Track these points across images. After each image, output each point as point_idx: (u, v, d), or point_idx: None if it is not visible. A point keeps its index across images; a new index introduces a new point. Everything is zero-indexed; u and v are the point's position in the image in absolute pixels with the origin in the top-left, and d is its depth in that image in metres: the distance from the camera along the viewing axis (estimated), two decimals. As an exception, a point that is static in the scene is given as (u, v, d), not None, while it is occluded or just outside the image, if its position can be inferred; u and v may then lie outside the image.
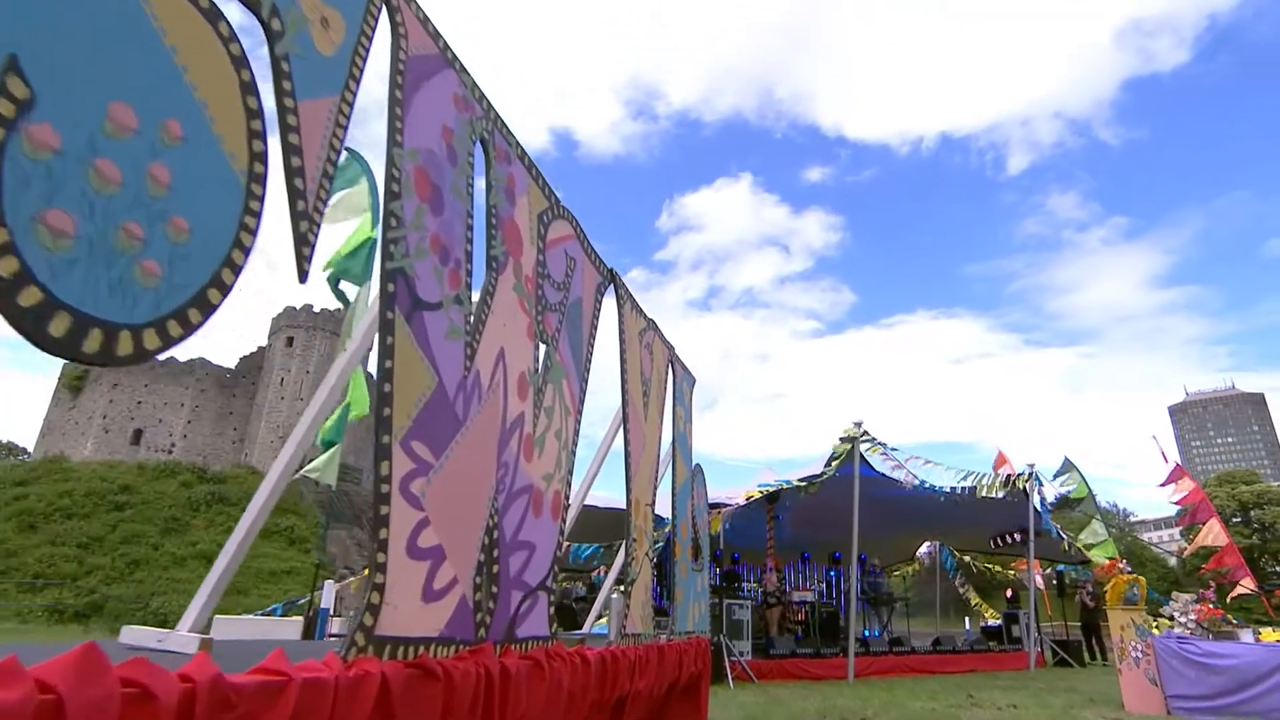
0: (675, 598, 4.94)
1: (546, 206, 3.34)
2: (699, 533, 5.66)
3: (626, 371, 4.17)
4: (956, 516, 14.97)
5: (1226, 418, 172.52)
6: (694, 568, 5.43)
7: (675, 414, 5.27)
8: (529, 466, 2.92)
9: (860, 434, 11.31)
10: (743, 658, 10.41)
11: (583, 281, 3.69)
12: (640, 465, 4.32)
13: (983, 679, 10.97)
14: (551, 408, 3.19)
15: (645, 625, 4.15)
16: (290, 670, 1.53)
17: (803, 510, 15.46)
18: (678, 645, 4.59)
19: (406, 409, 2.15)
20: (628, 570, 3.95)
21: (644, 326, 4.62)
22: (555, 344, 3.29)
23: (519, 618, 2.73)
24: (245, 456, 54.62)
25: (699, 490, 5.81)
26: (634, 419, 4.23)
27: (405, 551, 2.08)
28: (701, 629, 5.57)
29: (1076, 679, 11.17)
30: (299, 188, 1.79)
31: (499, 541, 2.62)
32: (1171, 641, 6.73)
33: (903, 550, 18.63)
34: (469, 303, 2.56)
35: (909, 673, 11.79)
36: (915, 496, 13.73)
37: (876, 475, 12.10)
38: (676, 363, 5.41)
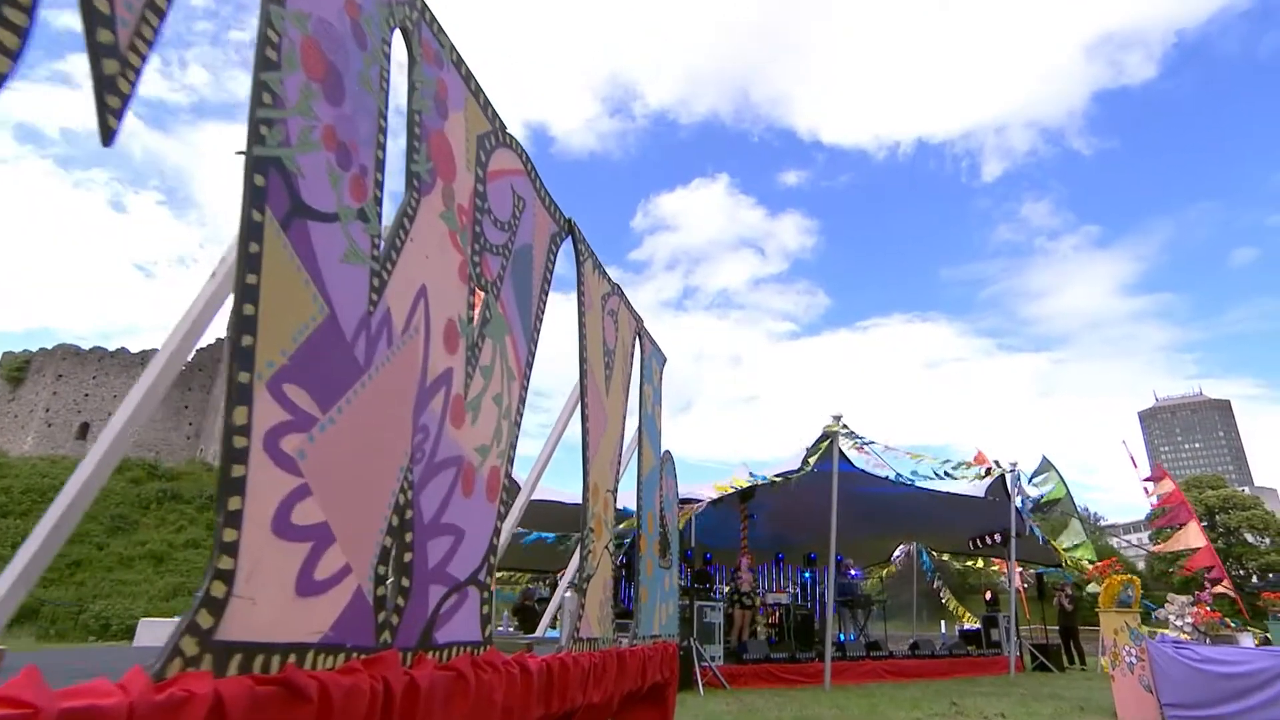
0: (640, 597, 4.47)
1: (489, 130, 2.85)
2: (668, 527, 5.20)
3: (586, 338, 3.69)
4: (936, 517, 14.71)
5: (1194, 423, 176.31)
6: (661, 565, 4.97)
7: (643, 393, 4.80)
8: (458, 434, 2.43)
9: (840, 428, 10.93)
10: (714, 663, 9.98)
11: (534, 226, 3.21)
12: (601, 447, 3.85)
13: (964, 685, 10.66)
14: (490, 368, 2.71)
15: (604, 628, 3.68)
16: (43, 701, 1.04)
17: (778, 510, 15.11)
18: (641, 651, 4.12)
19: (279, 341, 1.65)
20: (583, 565, 3.48)
21: (608, 290, 4.15)
22: (496, 293, 2.81)
23: (440, 618, 2.24)
24: (200, 452, 53.16)
25: (668, 480, 5.35)
26: (594, 393, 3.75)
27: (271, 528, 1.59)
28: (669, 633, 5.11)
29: (1058, 684, 10.90)
30: (103, 11, 1.29)
31: (414, 523, 2.13)
32: (1167, 646, 6.41)
33: (879, 552, 18.36)
34: (377, 223, 2.06)
35: (887, 678, 11.45)
36: (894, 495, 13.43)
37: (856, 472, 11.76)
38: (645, 337, 4.94)
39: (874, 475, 12.06)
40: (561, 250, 3.48)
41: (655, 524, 4.87)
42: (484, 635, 2.51)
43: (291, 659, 1.60)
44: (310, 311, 1.76)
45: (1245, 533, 58.58)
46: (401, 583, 2.07)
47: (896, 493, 13.11)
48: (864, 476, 12.15)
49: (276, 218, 1.67)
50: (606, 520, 3.84)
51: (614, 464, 4.06)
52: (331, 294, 1.84)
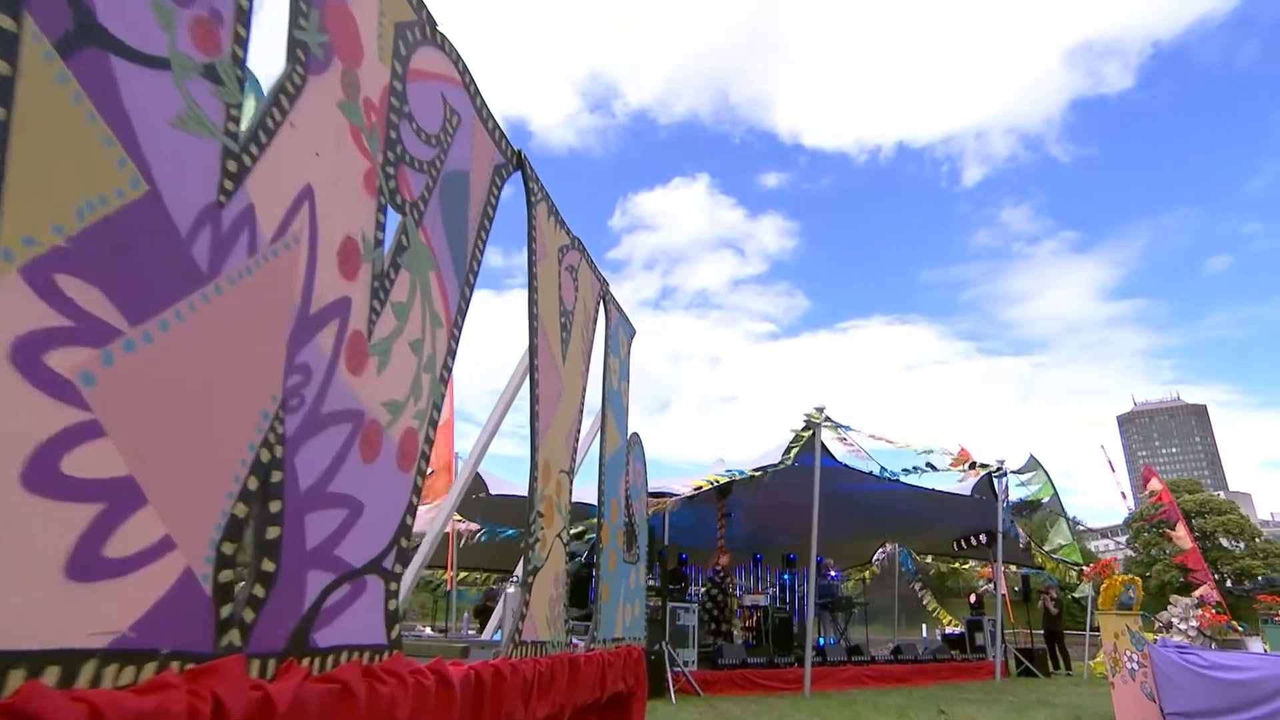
0: (601, 595, 4.00)
1: (413, 21, 2.36)
2: (634, 517, 4.74)
3: (537, 291, 3.22)
4: (919, 517, 14.39)
5: (1171, 428, 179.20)
6: (626, 559, 4.51)
7: (607, 365, 4.34)
8: (357, 383, 1.95)
9: (822, 419, 10.54)
10: (687, 668, 9.54)
11: (472, 151, 2.73)
12: (555, 421, 3.38)
13: (949, 691, 10.31)
14: (406, 306, 2.22)
15: (553, 630, 3.20)
16: None
17: (757, 508, 14.72)
18: (599, 656, 3.66)
19: (49, 210, 1.17)
20: (529, 556, 3.00)
21: (566, 243, 3.67)
22: (418, 218, 2.33)
23: (323, 615, 1.76)
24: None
25: (635, 464, 4.89)
26: (546, 356, 3.28)
27: (21, 482, 1.10)
28: (635, 635, 4.64)
29: (1046, 690, 10.60)
30: None
31: (284, 489, 1.65)
32: (1171, 651, 6.06)
33: (860, 553, 18.04)
34: (234, 86, 1.58)
35: (869, 684, 11.09)
36: (877, 493, 13.09)
37: (838, 467, 11.38)
38: (611, 302, 4.48)
39: (857, 470, 11.70)
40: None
41: (620, 513, 4.40)
42: (389, 637, 2.03)
43: (53, 673, 1.12)
44: (113, 181, 1.27)
45: (1221, 537, 59.35)
46: (262, 566, 1.58)
47: (879, 490, 12.78)
48: (846, 473, 11.78)
49: (51, 37, 1.18)
50: (560, 505, 3.37)
51: (571, 441, 3.59)
52: (153, 165, 1.35)
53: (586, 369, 3.88)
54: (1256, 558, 55.95)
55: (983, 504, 13.33)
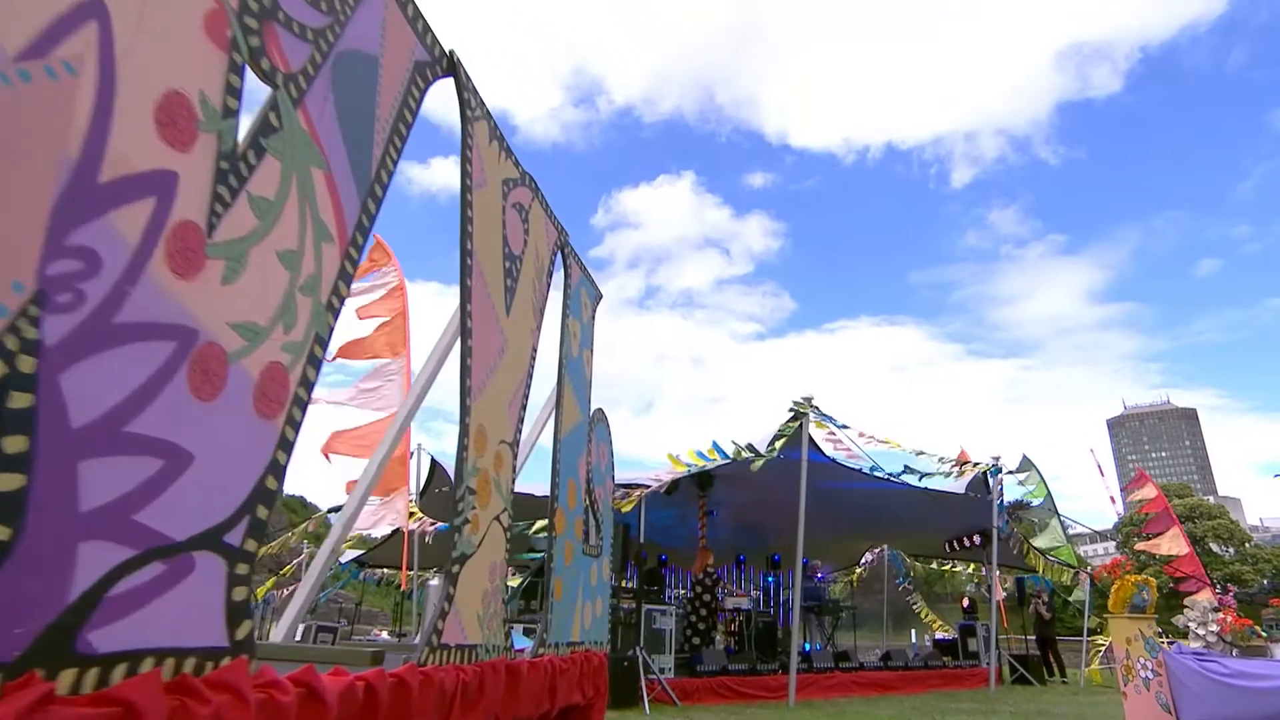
0: (553, 592, 3.52)
1: None
2: (597, 504, 4.26)
3: (472, 223, 2.73)
4: (910, 516, 13.99)
5: (1161, 432, 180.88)
6: (587, 551, 4.03)
7: (566, 328, 3.86)
8: (184, 290, 1.46)
9: (810, 409, 10.10)
10: (663, 675, 9.08)
11: (382, 33, 2.24)
12: (495, 381, 2.89)
13: (942, 700, 9.92)
14: (274, 206, 1.74)
15: (488, 632, 2.72)
16: None
17: (741, 506, 14.28)
18: (548, 664, 3.18)
19: None
20: (457, 540, 2.52)
21: (514, 176, 3.19)
22: (296, 96, 1.84)
23: (106, 606, 1.27)
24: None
25: (600, 444, 4.41)
26: (483, 304, 2.80)
27: None
28: (596, 639, 4.17)
29: (1044, 700, 10.22)
30: None
31: (35, 419, 1.16)
32: (1189, 658, 5.65)
33: (848, 555, 17.64)
34: None
35: (857, 692, 10.67)
36: (866, 491, 12.67)
37: (826, 462, 10.94)
38: (572, 257, 4.00)
39: (847, 467, 11.27)
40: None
41: (579, 498, 3.92)
42: (232, 638, 1.54)
43: None
44: None
45: (1210, 542, 59.70)
46: None
47: (869, 488, 12.35)
48: (834, 469, 11.35)
49: None
50: (500, 482, 2.89)
51: (516, 409, 3.10)
52: None
53: (538, 328, 3.39)
54: (1247, 563, 56.35)
55: (976, 503, 12.93)
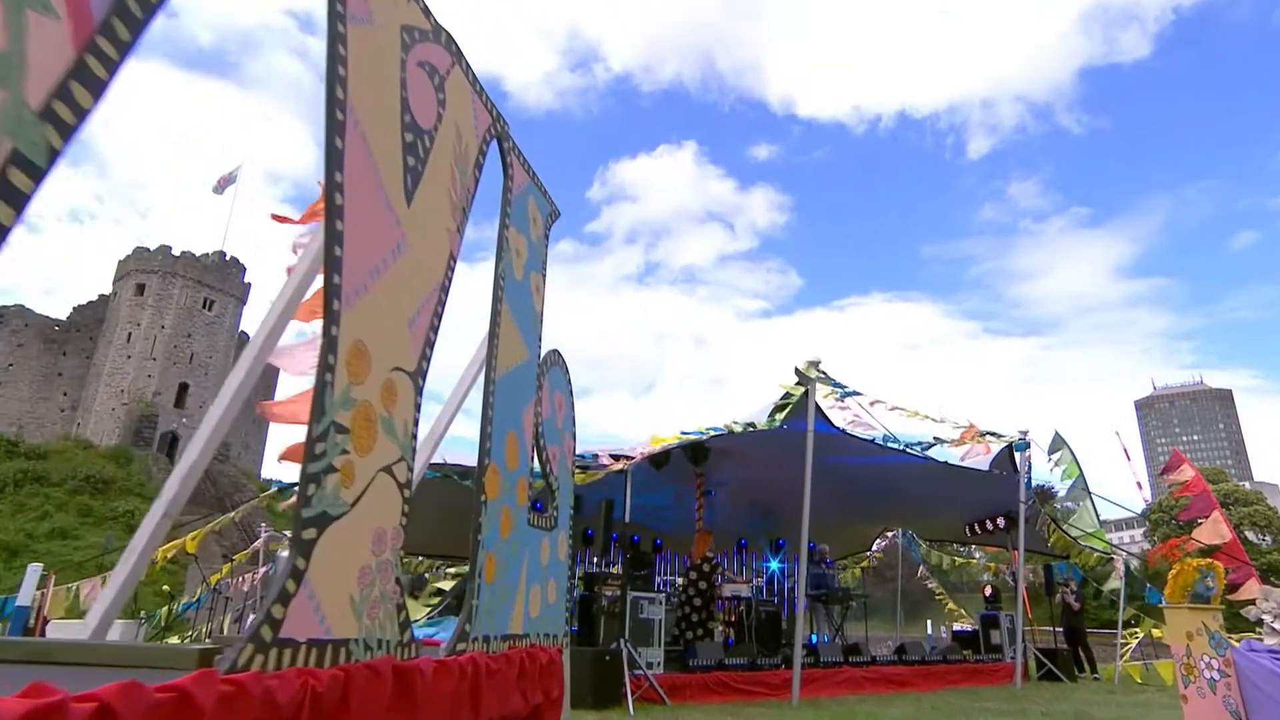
0: (484, 572, 2.92)
1: None
2: (551, 465, 3.66)
3: (345, 67, 2.10)
4: (928, 497, 13.45)
5: (1193, 414, 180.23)
6: (535, 523, 3.43)
7: (505, 241, 3.23)
8: None
9: (816, 375, 9.50)
10: (651, 670, 8.55)
11: None
12: (386, 287, 2.28)
13: (963, 698, 9.41)
14: None
15: (369, 622, 2.12)
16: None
17: (741, 485, 13.76)
18: (469, 664, 2.58)
19: None
20: (313, 495, 1.91)
21: (425, 27, 2.55)
22: None
23: None
24: (78, 427, 50.19)
25: (554, 393, 3.80)
26: (360, 173, 2.17)
27: None
28: (549, 631, 3.58)
29: (1078, 698, 9.71)
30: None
31: None
32: (1264, 657, 5.08)
33: (858, 539, 17.12)
34: None
35: (868, 688, 10.16)
36: (880, 468, 12.11)
37: (835, 434, 10.36)
38: (517, 158, 3.37)
39: (857, 439, 10.69)
40: None
41: (521, 455, 3.31)
42: None
43: None
44: None
45: (1246, 530, 59.37)
46: None
47: (882, 464, 11.80)
48: (843, 441, 10.77)
49: None
50: (393, 422, 2.28)
51: (420, 329, 2.49)
52: None
53: (459, 230, 2.77)
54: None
55: (1000, 482, 12.36)
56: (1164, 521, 57.58)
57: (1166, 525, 56.88)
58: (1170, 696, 9.84)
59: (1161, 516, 57.56)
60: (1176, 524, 50.00)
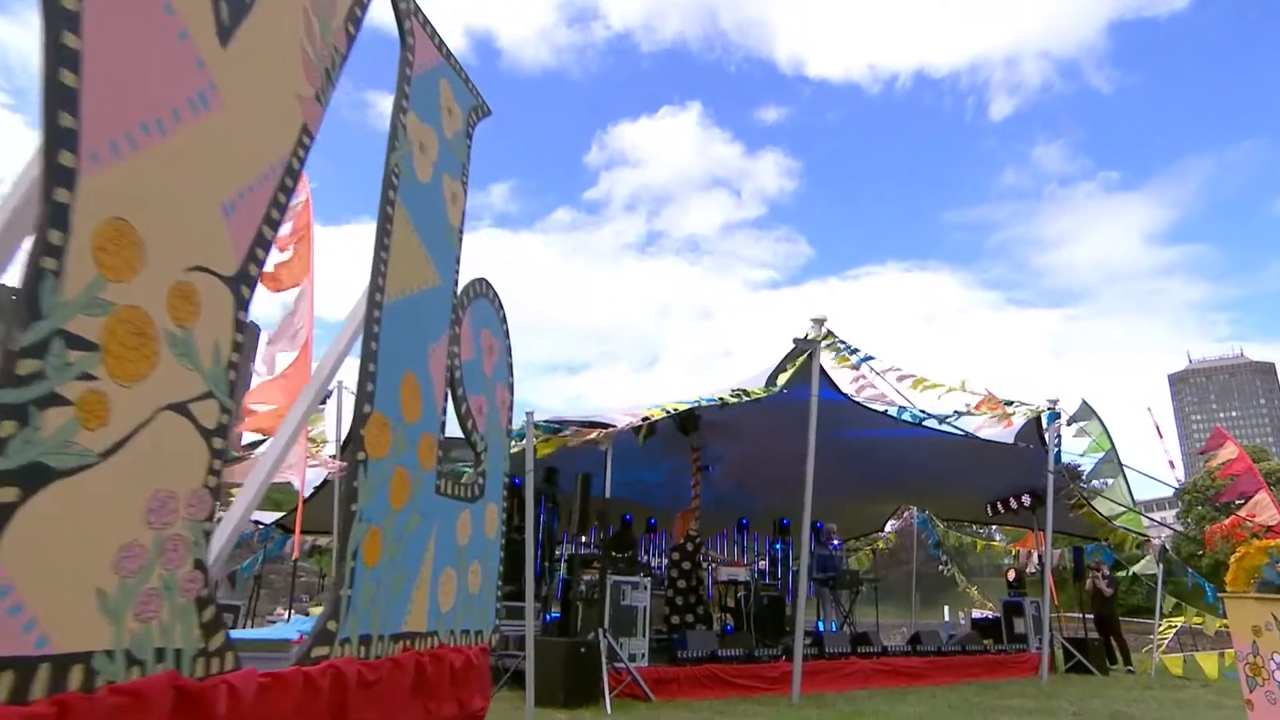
0: (363, 553, 2.36)
1: None
2: (474, 421, 3.10)
3: None
4: (946, 473, 12.91)
5: (1231, 389, 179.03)
6: (446, 491, 2.87)
7: (401, 131, 2.64)
8: None
9: (823, 336, 8.91)
10: (635, 663, 8.07)
11: None
12: (179, 149, 1.69)
13: (985, 694, 8.93)
14: None
15: (138, 625, 1.57)
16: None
17: (742, 460, 13.23)
18: (336, 675, 2.03)
19: None
20: (24, 436, 1.35)
21: None
22: None
23: None
24: None
25: (477, 331, 3.22)
26: None
27: None
28: (471, 626, 3.04)
29: (1112, 695, 9.22)
30: None
31: None
32: (1339, 651, 4.53)
33: (870, 519, 16.62)
34: None
35: (878, 682, 9.69)
36: (894, 441, 11.56)
37: (842, 402, 9.80)
38: (420, 28, 2.77)
39: (869, 410, 10.13)
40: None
41: (427, 404, 2.74)
42: None
43: None
44: None
45: (1289, 512, 58.59)
46: None
47: (896, 437, 11.24)
48: (852, 411, 10.21)
49: None
50: (178, 337, 1.70)
51: (240, 219, 1.90)
52: None
53: (320, 98, 2.17)
54: (1329, 534, 55.49)
55: (1026, 456, 11.78)
56: (1199, 502, 57.04)
57: (1201, 506, 56.37)
58: (1216, 694, 9.36)
59: (1196, 497, 57.01)
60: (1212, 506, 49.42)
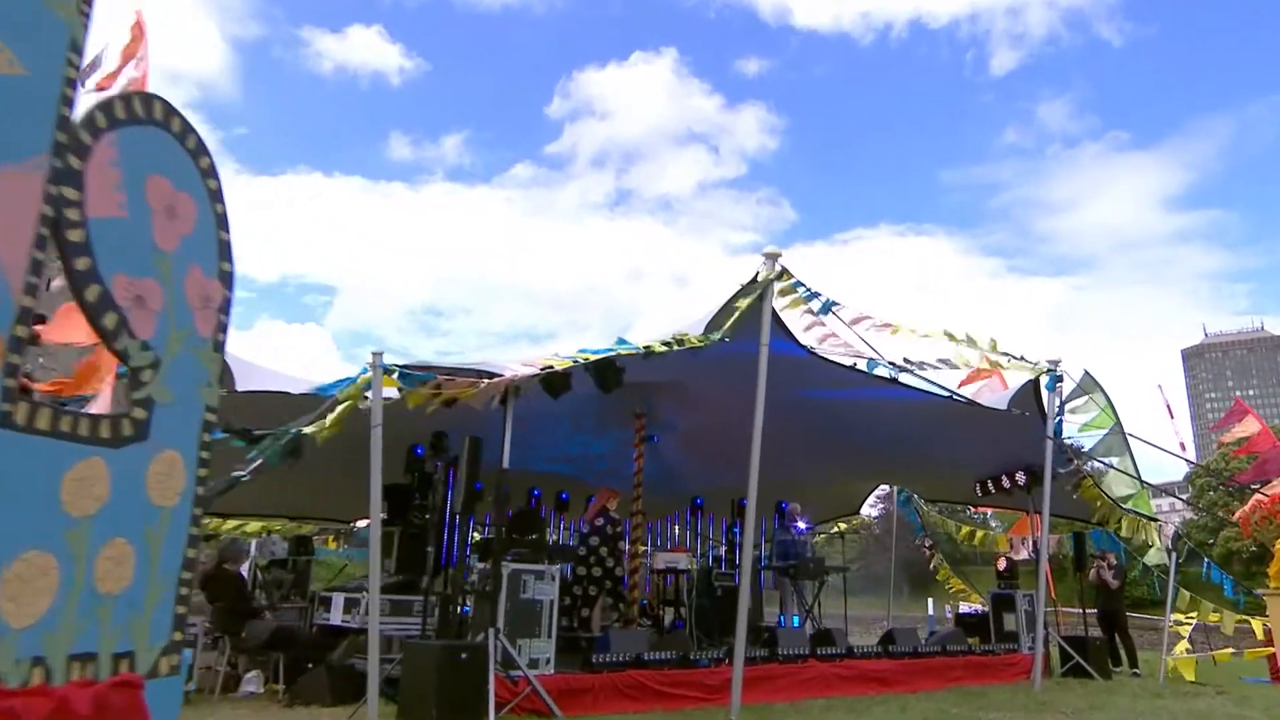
0: None
1: None
2: (125, 318, 2.15)
3: None
4: (930, 444, 12.11)
5: (1249, 364, 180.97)
6: (64, 432, 1.93)
7: None
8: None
9: (775, 275, 8.00)
10: (537, 671, 7.20)
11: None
12: None
13: (966, 703, 8.24)
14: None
15: None
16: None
17: (694, 432, 12.42)
18: None
19: None
20: None
21: None
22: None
23: None
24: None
25: (136, 176, 2.25)
26: None
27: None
28: (106, 647, 2.09)
29: (1117, 705, 8.52)
30: None
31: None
32: None
33: (844, 498, 15.88)
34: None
35: (841, 689, 8.93)
36: (866, 406, 10.73)
37: (803, 355, 8.92)
38: None
39: (835, 365, 9.27)
40: None
41: None
42: None
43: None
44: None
45: (1311, 496, 58.92)
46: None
47: (869, 399, 10.41)
48: (817, 369, 9.35)
49: None
50: None
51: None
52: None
53: None
54: (1355, 520, 55.85)
55: (1022, 426, 10.97)
56: (1211, 487, 56.97)
57: (1214, 491, 56.34)
58: (1236, 703, 8.68)
59: (1208, 482, 56.91)
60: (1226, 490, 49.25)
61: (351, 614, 8.05)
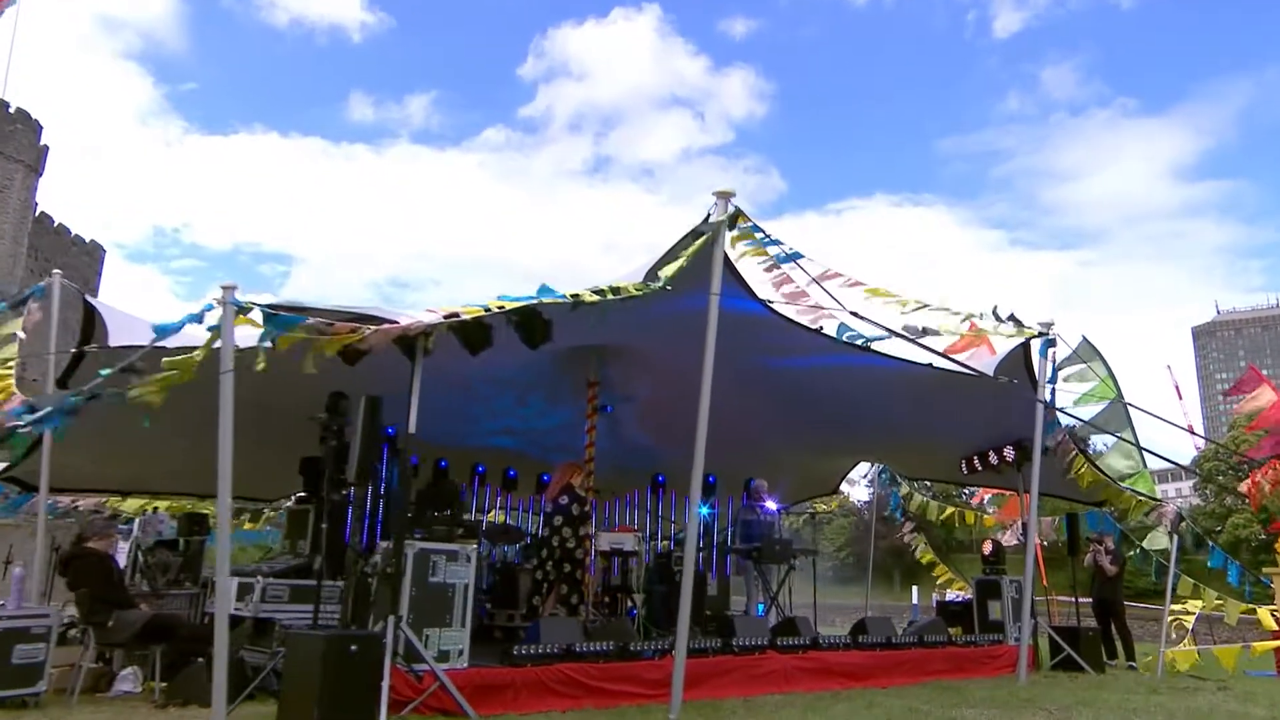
0: None
1: None
2: None
3: None
4: (908, 417, 11.64)
5: (1264, 343, 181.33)
6: None
7: None
8: None
9: (728, 218, 7.42)
10: (448, 665, 6.68)
11: None
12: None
13: (939, 700, 7.80)
14: None
15: None
16: None
17: (654, 402, 11.89)
18: None
19: None
20: None
21: None
22: None
23: None
24: None
25: None
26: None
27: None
28: None
29: (1108, 702, 8.09)
30: None
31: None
32: None
33: (819, 477, 15.48)
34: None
35: (803, 684, 8.47)
36: (837, 374, 10.23)
37: (762, 313, 8.38)
38: None
39: (800, 327, 8.75)
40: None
41: None
42: None
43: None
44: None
45: (1334, 480, 58.90)
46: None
47: (843, 368, 9.90)
48: (781, 330, 8.82)
49: None
50: None
51: None
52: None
53: None
54: (1376, 503, 55.88)
55: (1010, 396, 10.47)
56: (1221, 470, 56.73)
57: (1224, 475, 56.10)
58: (1239, 700, 8.26)
59: (1217, 466, 56.68)
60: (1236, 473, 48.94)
61: (245, 600, 7.49)
